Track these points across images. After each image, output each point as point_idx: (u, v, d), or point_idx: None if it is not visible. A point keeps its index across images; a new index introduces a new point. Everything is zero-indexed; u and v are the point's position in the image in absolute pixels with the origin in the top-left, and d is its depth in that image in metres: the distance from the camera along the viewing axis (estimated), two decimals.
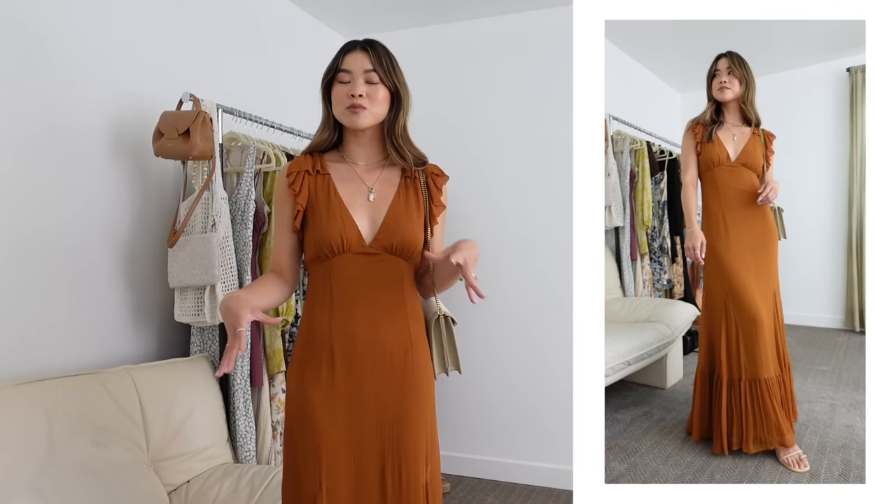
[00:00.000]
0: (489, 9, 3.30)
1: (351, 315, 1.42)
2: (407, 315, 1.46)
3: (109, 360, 2.19)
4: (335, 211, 1.44)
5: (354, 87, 1.42)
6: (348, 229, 1.43)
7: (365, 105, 1.42)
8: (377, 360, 1.42)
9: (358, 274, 1.43)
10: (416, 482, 1.41)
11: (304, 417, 1.42)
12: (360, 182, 1.49)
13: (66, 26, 2.07)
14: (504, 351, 3.34)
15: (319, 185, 1.48)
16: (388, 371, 1.42)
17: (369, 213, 1.47)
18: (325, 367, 1.42)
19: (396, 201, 1.48)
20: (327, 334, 1.42)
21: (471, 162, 3.39)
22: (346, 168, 1.51)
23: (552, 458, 3.22)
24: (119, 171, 2.24)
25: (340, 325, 1.42)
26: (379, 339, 1.42)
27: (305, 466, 1.40)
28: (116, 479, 1.81)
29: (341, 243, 1.42)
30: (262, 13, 2.98)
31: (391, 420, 1.42)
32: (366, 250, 1.44)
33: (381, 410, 1.42)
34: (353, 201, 1.47)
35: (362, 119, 1.43)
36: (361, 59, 1.43)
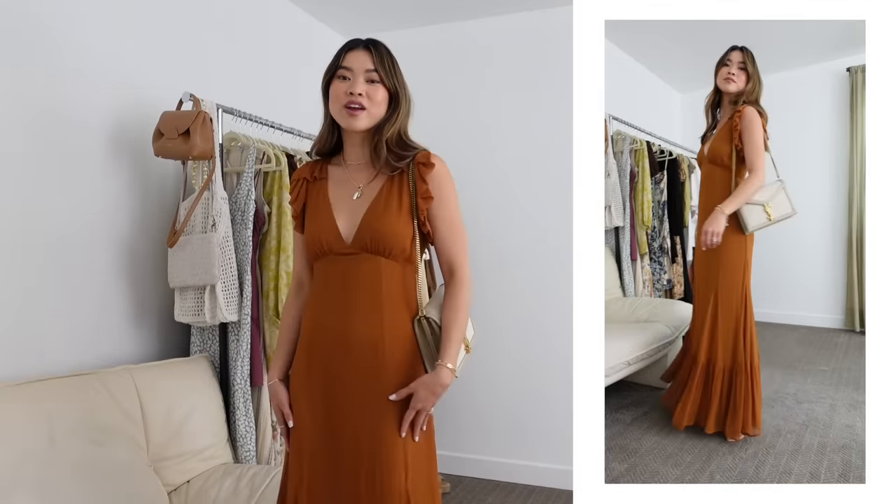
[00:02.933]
0: (489, 9, 3.30)
1: (325, 316, 1.44)
2: (382, 314, 1.40)
3: (109, 360, 2.19)
4: (321, 214, 1.46)
5: (354, 85, 1.40)
6: (328, 232, 1.44)
7: (364, 104, 1.40)
8: (348, 360, 1.41)
9: (335, 275, 1.44)
10: (391, 489, 1.35)
11: (297, 415, 1.48)
12: (349, 183, 1.48)
13: (66, 26, 2.07)
14: (504, 351, 3.34)
15: (314, 190, 1.51)
16: (359, 372, 1.40)
17: (351, 213, 1.44)
18: (307, 367, 1.46)
19: (378, 198, 1.43)
20: (309, 335, 1.46)
21: (470, 162, 3.38)
22: (342, 170, 1.51)
23: (552, 458, 3.22)
24: (119, 171, 2.24)
25: (319, 325, 1.45)
26: (349, 339, 1.40)
27: (294, 461, 1.46)
28: (116, 479, 1.81)
29: (321, 246, 1.44)
30: (263, 13, 2.98)
31: (365, 422, 1.39)
32: (345, 251, 1.43)
33: (354, 409, 1.40)
34: (339, 202, 1.47)
35: (359, 122, 1.41)
36: (363, 58, 1.42)
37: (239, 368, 2.26)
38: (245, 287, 2.27)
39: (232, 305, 2.22)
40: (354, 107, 1.40)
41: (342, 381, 1.41)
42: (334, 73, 1.43)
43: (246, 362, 2.28)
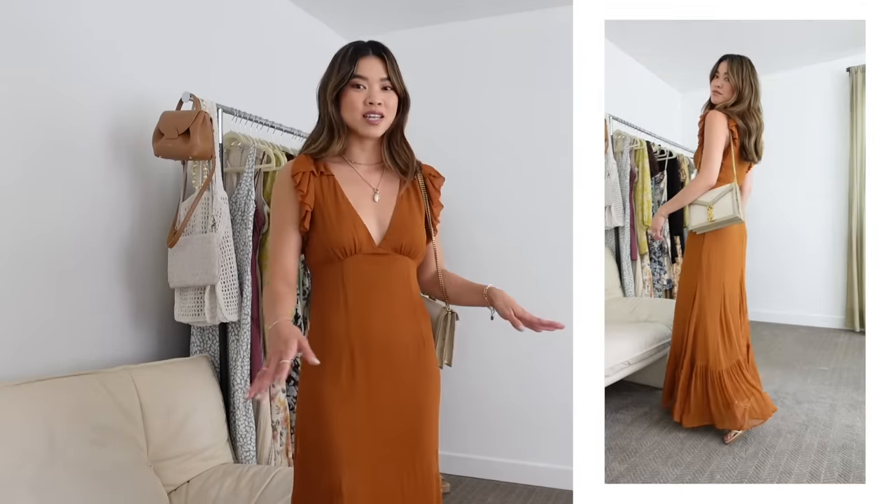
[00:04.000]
0: (489, 9, 3.30)
1: (368, 316, 1.43)
2: (417, 312, 1.51)
3: (109, 360, 2.19)
4: (344, 213, 1.45)
5: (372, 94, 1.43)
6: (359, 231, 1.44)
7: (384, 113, 1.44)
8: (395, 358, 1.45)
9: (371, 275, 1.44)
10: (430, 474, 1.48)
11: (323, 420, 1.40)
12: (364, 184, 1.50)
13: (66, 26, 2.07)
14: (504, 351, 3.34)
15: (325, 186, 1.47)
16: (406, 368, 1.46)
17: (376, 215, 1.49)
18: (346, 369, 1.41)
19: (401, 202, 1.51)
20: (345, 336, 1.42)
21: (470, 162, 3.39)
22: (349, 169, 1.51)
23: (552, 458, 3.22)
24: (119, 171, 2.24)
25: (358, 326, 1.43)
26: (396, 337, 1.46)
27: (323, 468, 1.39)
28: (116, 479, 1.81)
29: (353, 245, 1.43)
30: (263, 13, 2.98)
31: (409, 415, 1.46)
32: (376, 251, 1.46)
33: (399, 406, 1.45)
34: (359, 203, 1.48)
35: (379, 130, 1.46)
36: (377, 67, 1.44)
37: (239, 368, 2.26)
38: (245, 287, 2.27)
39: (232, 305, 2.22)
40: (375, 117, 1.43)
41: (386, 381, 1.44)
42: (348, 82, 1.43)
43: (246, 362, 2.27)
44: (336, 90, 1.44)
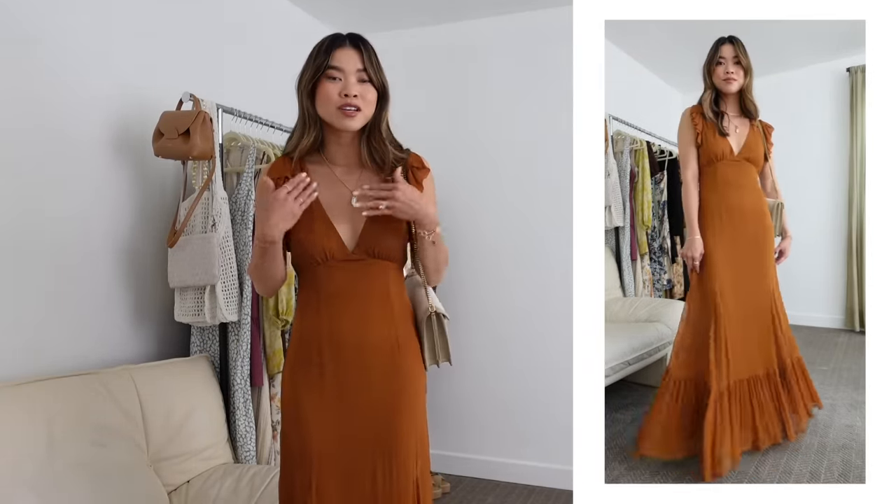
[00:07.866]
0: (489, 9, 3.30)
1: (339, 321, 1.42)
2: (394, 316, 1.46)
3: (109, 360, 2.19)
4: (317, 221, 1.42)
5: (348, 86, 1.38)
6: (330, 240, 1.42)
7: (360, 106, 1.38)
8: (365, 362, 1.43)
9: (344, 281, 1.43)
10: (407, 478, 1.43)
11: (297, 419, 1.44)
12: (341, 186, 1.46)
13: (66, 26, 2.07)
14: (504, 351, 3.34)
15: None
16: (377, 372, 1.43)
17: (351, 219, 1.44)
18: (316, 370, 1.43)
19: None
20: (317, 339, 1.43)
21: (470, 162, 3.38)
22: (326, 171, 1.47)
23: (552, 458, 3.21)
24: (119, 171, 2.24)
25: (329, 330, 1.43)
26: (366, 341, 1.43)
27: (297, 467, 1.43)
28: (116, 479, 1.81)
29: (324, 254, 1.42)
30: (263, 13, 2.98)
31: (381, 419, 1.43)
32: (349, 257, 1.43)
33: (370, 410, 1.43)
34: (333, 208, 1.44)
35: (355, 122, 1.40)
36: (353, 58, 1.39)
37: (239, 368, 2.26)
38: (245, 287, 2.27)
39: (232, 305, 2.22)
40: (351, 109, 1.38)
41: (357, 384, 1.43)
42: (323, 73, 1.39)
43: (246, 362, 2.28)
44: (311, 82, 1.40)
